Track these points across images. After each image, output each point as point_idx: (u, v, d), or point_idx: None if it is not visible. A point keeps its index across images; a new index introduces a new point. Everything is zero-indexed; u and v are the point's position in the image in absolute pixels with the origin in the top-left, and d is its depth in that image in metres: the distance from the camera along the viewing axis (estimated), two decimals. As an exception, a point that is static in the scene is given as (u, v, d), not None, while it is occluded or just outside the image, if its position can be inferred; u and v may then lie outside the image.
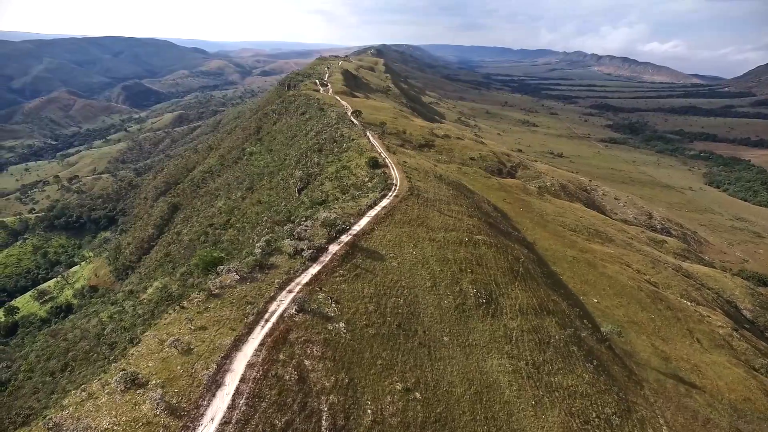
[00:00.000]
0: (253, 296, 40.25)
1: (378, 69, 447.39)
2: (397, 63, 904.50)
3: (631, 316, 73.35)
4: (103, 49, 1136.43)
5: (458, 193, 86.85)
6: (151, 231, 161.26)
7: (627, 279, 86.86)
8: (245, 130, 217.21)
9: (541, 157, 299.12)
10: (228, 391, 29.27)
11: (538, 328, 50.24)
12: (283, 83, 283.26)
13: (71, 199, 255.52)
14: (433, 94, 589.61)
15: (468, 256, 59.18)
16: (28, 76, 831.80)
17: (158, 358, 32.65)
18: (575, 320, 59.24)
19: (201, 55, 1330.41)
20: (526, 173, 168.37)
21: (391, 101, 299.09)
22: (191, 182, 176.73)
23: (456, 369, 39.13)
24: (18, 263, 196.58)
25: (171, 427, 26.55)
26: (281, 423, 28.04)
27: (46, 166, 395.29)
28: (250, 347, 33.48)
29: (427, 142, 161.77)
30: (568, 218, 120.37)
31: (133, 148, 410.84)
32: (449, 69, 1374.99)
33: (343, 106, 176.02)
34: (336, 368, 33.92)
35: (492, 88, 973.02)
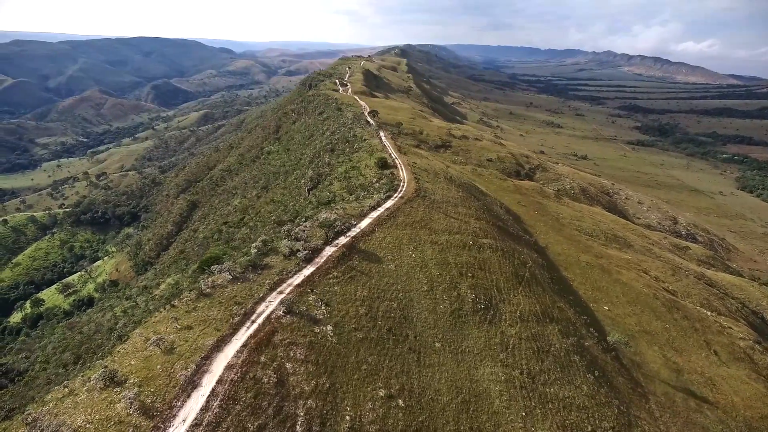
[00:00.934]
0: (242, 297, 40.15)
1: (400, 69, 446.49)
2: (420, 63, 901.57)
3: (644, 325, 70.72)
4: (135, 49, 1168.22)
5: (468, 195, 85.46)
6: (170, 228, 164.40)
7: (642, 286, 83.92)
8: (265, 129, 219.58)
9: (563, 159, 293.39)
10: (203, 393, 29.10)
11: (538, 335, 48.78)
12: (304, 83, 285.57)
13: (97, 195, 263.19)
14: (456, 95, 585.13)
15: (470, 260, 58.01)
16: (63, 76, 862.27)
17: (141, 357, 32.78)
18: (581, 328, 57.38)
19: (228, 55, 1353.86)
20: (545, 175, 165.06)
21: (412, 101, 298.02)
22: (210, 180, 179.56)
23: (445, 376, 38.16)
24: (46, 257, 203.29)
25: (142, 427, 26.51)
26: (253, 427, 27.70)
27: (77, 162, 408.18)
28: (231, 348, 33.30)
29: (443, 142, 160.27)
30: (586, 222, 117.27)
31: (159, 146, 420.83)
32: (474, 69, 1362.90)
33: (361, 106, 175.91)
34: (318, 372, 33.43)
35: (517, 89, 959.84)
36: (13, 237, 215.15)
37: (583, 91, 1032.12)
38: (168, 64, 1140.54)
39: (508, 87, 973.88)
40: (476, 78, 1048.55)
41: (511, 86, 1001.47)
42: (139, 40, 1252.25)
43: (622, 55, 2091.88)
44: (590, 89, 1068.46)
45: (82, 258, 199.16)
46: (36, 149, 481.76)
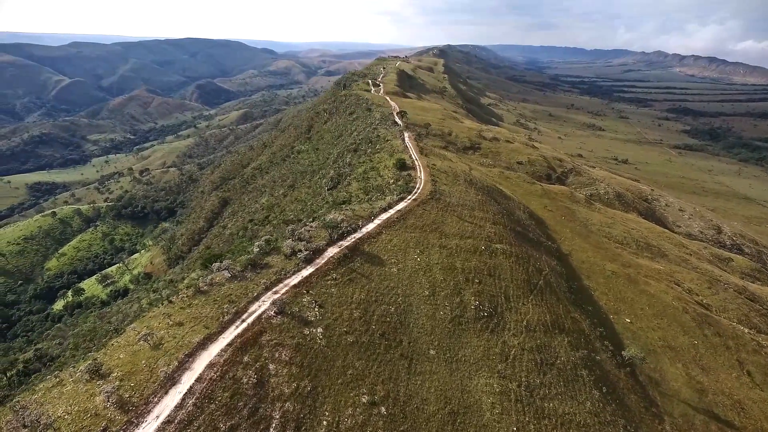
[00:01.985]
0: (237, 295, 40.40)
1: (437, 69, 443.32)
2: (459, 63, 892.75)
3: (669, 340, 66.88)
4: (182, 50, 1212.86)
5: (488, 198, 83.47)
6: (202, 224, 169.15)
7: (672, 299, 79.47)
8: (297, 129, 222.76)
9: (602, 163, 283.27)
10: (181, 390, 29.32)
11: (544, 347, 46.85)
12: (339, 83, 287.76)
13: (138, 191, 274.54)
14: (494, 96, 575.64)
15: (480, 265, 56.47)
16: (115, 76, 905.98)
17: (130, 351, 33.43)
18: (594, 341, 54.81)
19: (270, 55, 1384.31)
20: (578, 180, 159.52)
21: (446, 102, 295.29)
22: (241, 178, 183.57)
23: (435, 385, 37.10)
24: (89, 248, 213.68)
25: (116, 421, 26.93)
26: (225, 427, 27.66)
27: (123, 158, 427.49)
28: (217, 347, 33.48)
29: (472, 144, 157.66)
30: (617, 229, 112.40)
31: (199, 143, 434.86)
32: (515, 70, 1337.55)
33: (391, 107, 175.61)
34: (301, 375, 33.14)
35: (558, 90, 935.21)
36: (61, 228, 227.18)
37: (629, 92, 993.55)
38: (213, 64, 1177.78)
39: (549, 88, 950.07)
40: (516, 79, 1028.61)
41: (552, 87, 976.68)
42: (187, 41, 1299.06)
43: (674, 56, 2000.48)
44: (637, 91, 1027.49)
45: (121, 250, 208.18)
46: (87, 145, 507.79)
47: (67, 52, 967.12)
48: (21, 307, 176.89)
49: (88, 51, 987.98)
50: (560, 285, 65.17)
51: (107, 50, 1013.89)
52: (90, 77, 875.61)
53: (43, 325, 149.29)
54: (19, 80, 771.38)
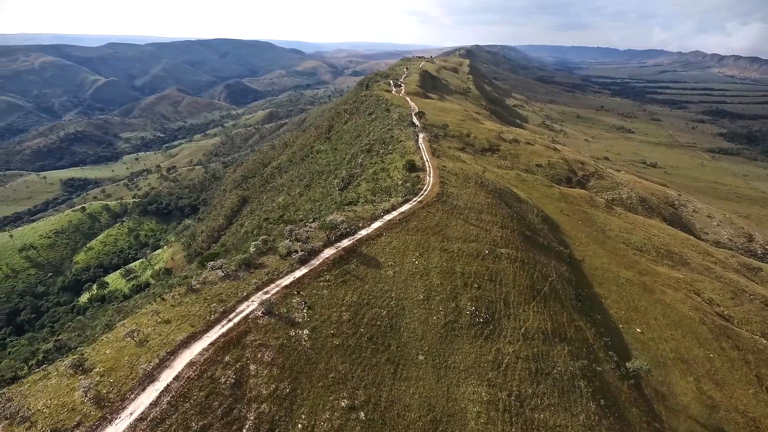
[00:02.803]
0: (227, 295, 40.69)
1: (462, 70, 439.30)
2: (486, 64, 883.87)
3: (682, 352, 64.30)
4: (212, 50, 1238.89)
5: (498, 202, 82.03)
6: (221, 221, 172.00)
7: (688, 309, 76.43)
8: (318, 129, 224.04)
9: (629, 167, 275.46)
10: (158, 388, 29.63)
11: (541, 356, 45.58)
12: (362, 83, 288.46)
13: (163, 188, 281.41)
14: (520, 97, 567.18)
15: (481, 270, 55.45)
16: (148, 75, 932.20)
17: (116, 347, 34.03)
18: (598, 351, 53.07)
19: (298, 55, 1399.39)
20: (599, 183, 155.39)
21: (469, 103, 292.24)
22: (261, 177, 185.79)
23: (419, 391, 36.49)
24: (115, 243, 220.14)
25: (90, 416, 27.40)
26: (197, 426, 27.78)
27: (152, 156, 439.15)
28: (199, 345, 33.74)
29: (491, 146, 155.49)
30: (636, 235, 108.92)
31: (226, 142, 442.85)
32: (544, 71, 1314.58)
33: (410, 107, 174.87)
34: (281, 376, 33.08)
35: (588, 91, 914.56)
36: (89, 223, 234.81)
37: (663, 94, 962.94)
38: (242, 64, 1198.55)
39: (579, 89, 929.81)
40: (545, 80, 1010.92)
41: (582, 89, 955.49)
42: (217, 42, 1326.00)
43: (713, 56, 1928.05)
44: (672, 92, 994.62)
45: (145, 246, 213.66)
46: (119, 143, 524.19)
47: (103, 52, 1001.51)
48: (49, 299, 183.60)
49: (123, 51, 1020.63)
50: (567, 292, 63.43)
51: (141, 51, 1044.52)
52: (124, 77, 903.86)
53: (68, 316, 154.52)
54: (58, 80, 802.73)
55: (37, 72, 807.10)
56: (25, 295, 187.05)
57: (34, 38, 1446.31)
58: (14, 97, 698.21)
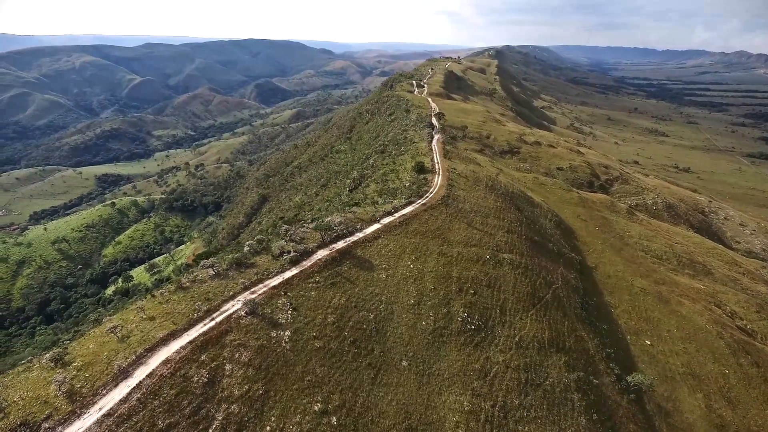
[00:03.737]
0: (214, 293, 41.00)
1: (489, 71, 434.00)
2: (516, 65, 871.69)
3: (694, 367, 61.49)
4: (244, 50, 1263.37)
5: (508, 205, 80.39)
6: (241, 219, 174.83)
7: (706, 321, 73.08)
8: (339, 129, 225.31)
9: (660, 171, 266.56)
10: (130, 384, 30.00)
11: (533, 366, 44.28)
12: (386, 83, 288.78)
13: (189, 185, 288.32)
14: (549, 98, 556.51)
15: (479, 275, 54.34)
16: (181, 75, 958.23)
17: (99, 342, 34.71)
18: (598, 363, 51.25)
19: (327, 56, 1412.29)
20: (623, 188, 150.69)
21: (494, 104, 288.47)
22: (281, 176, 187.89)
23: (398, 398, 35.89)
24: (142, 237, 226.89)
25: (61, 410, 27.96)
26: (163, 425, 27.97)
27: (182, 153, 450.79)
28: (178, 343, 34.05)
29: (511, 148, 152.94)
30: (657, 243, 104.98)
31: (253, 140, 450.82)
32: (577, 72, 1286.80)
33: (430, 108, 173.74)
34: (256, 377, 33.06)
35: (622, 93, 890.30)
36: (118, 218, 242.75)
37: (702, 96, 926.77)
38: (272, 64, 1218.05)
39: (612, 91, 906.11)
40: (577, 81, 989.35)
41: (615, 90, 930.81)
42: (249, 42, 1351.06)
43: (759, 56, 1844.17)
44: (712, 94, 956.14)
45: (170, 241, 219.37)
46: (152, 140, 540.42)
47: (140, 52, 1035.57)
48: (78, 290, 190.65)
49: (159, 51, 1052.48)
50: (572, 300, 61.54)
51: (176, 51, 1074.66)
52: (159, 76, 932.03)
53: (94, 308, 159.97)
54: (97, 79, 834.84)
55: (77, 71, 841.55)
56: (55, 286, 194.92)
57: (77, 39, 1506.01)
58: (56, 95, 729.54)
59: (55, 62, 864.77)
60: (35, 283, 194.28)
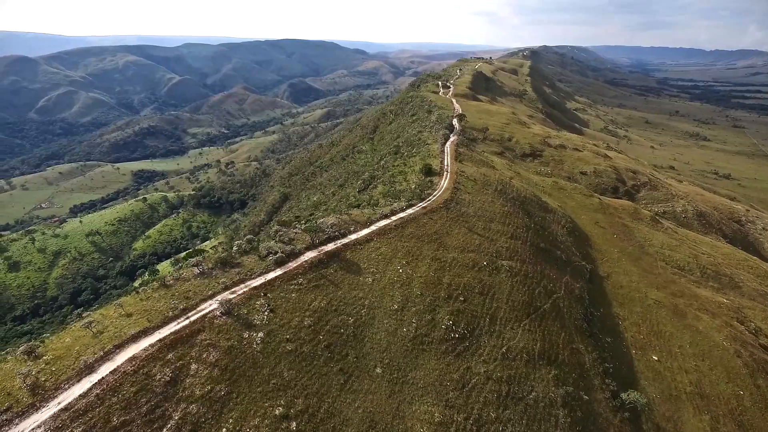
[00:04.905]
0: (194, 292, 41.36)
1: (521, 72, 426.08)
2: (552, 65, 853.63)
3: (704, 386, 58.20)
4: (279, 50, 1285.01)
5: (516, 210, 78.34)
6: (263, 217, 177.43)
7: (723, 338, 69.17)
8: (363, 129, 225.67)
9: (697, 177, 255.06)
10: (93, 380, 30.47)
11: (518, 378, 42.76)
12: (413, 84, 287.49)
13: (216, 182, 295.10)
14: (583, 100, 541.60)
15: (473, 282, 53.04)
16: (218, 74, 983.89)
17: (74, 336, 35.47)
18: (593, 378, 49.15)
19: (361, 55, 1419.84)
20: (651, 195, 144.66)
21: (523, 106, 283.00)
22: (302, 175, 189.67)
23: (365, 405, 35.20)
24: (170, 232, 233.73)
25: (22, 402, 28.62)
26: (117, 422, 28.21)
27: (215, 151, 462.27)
28: (148, 341, 34.43)
29: (533, 151, 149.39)
30: (681, 253, 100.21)
31: (283, 139, 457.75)
32: (617, 73, 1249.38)
33: (453, 109, 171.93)
34: (220, 378, 33.06)
35: (663, 95, 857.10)
36: (149, 213, 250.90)
37: (752, 98, 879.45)
38: (306, 63, 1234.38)
39: (653, 93, 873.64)
40: (615, 82, 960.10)
41: (656, 92, 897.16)
42: (284, 42, 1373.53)
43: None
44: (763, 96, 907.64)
45: (196, 237, 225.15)
46: (187, 138, 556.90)
47: (179, 52, 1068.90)
48: (108, 282, 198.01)
49: (197, 51, 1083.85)
50: (574, 311, 59.28)
51: (214, 51, 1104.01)
52: (197, 75, 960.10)
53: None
54: (139, 78, 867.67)
55: (120, 71, 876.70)
56: (87, 277, 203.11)
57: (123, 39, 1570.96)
58: (100, 93, 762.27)
59: (100, 62, 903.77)
60: (69, 274, 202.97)
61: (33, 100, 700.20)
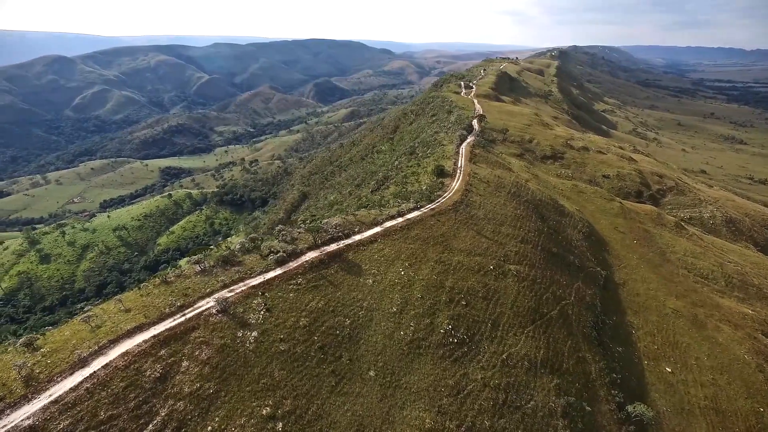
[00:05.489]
0: (193, 290, 41.78)
1: (548, 72, 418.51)
2: (581, 66, 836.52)
3: (721, 402, 55.75)
4: (306, 50, 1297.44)
5: (529, 214, 76.75)
6: (281, 215, 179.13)
7: (745, 352, 66.27)
8: (384, 129, 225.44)
9: (730, 182, 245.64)
10: (85, 374, 31.04)
11: (516, 386, 41.73)
12: (436, 84, 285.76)
13: (239, 180, 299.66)
14: (612, 101, 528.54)
15: (477, 286, 52.13)
16: (246, 73, 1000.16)
17: (74, 329, 36.27)
18: (598, 389, 47.61)
19: (387, 55, 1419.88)
20: (677, 200, 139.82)
21: (548, 107, 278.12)
22: (322, 174, 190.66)
23: (355, 408, 34.86)
24: (193, 228, 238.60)
25: (15, 393, 29.33)
26: (104, 415, 28.64)
27: (240, 149, 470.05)
28: (142, 336, 34.91)
29: (554, 153, 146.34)
30: (705, 261, 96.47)
31: (306, 138, 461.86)
32: (649, 73, 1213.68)
33: (473, 110, 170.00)
34: (210, 376, 33.26)
35: (698, 96, 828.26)
36: (173, 209, 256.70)
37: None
38: (332, 63, 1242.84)
39: (687, 94, 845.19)
40: (648, 83, 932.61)
41: (691, 93, 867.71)
42: (311, 42, 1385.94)
43: None
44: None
45: (218, 233, 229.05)
46: (213, 136, 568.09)
47: (209, 52, 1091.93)
48: (132, 276, 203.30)
49: (225, 51, 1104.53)
50: (582, 318, 57.62)
51: (242, 50, 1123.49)
52: (225, 74, 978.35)
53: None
54: (169, 77, 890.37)
55: (152, 70, 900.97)
56: (113, 270, 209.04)
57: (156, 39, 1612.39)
58: (132, 92, 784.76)
59: (133, 61, 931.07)
60: (96, 267, 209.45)
61: (69, 98, 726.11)
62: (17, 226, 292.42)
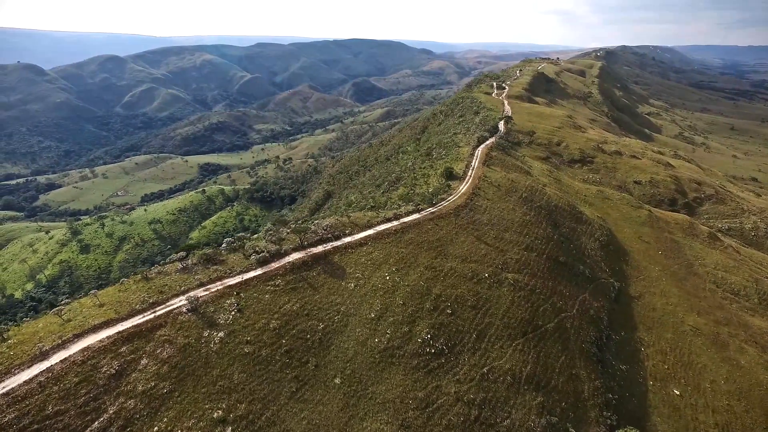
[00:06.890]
0: (169, 287, 41.96)
1: (590, 73, 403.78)
2: (629, 66, 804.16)
3: (734, 430, 51.36)
4: (346, 50, 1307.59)
5: (539, 220, 73.65)
6: (306, 213, 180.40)
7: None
8: (413, 129, 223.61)
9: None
10: (41, 367, 31.48)
11: (493, 403, 39.65)
12: (470, 84, 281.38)
13: (269, 177, 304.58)
14: (659, 104, 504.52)
15: (466, 294, 50.17)
16: (287, 73, 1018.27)
17: (48, 322, 37.04)
18: (589, 410, 44.71)
19: (427, 55, 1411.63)
20: (716, 209, 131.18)
21: (586, 109, 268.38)
22: (346, 174, 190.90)
23: (312, 417, 33.89)
24: (224, 224, 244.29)
25: (-28, 384, 30.05)
26: (51, 411, 28.86)
27: (276, 147, 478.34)
28: (107, 332, 35.19)
29: (583, 157, 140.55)
30: (738, 276, 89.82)
31: (341, 137, 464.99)
32: (704, 74, 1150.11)
33: (502, 111, 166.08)
34: (167, 375, 33.10)
35: (757, 99, 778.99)
36: (206, 204, 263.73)
37: None
38: (372, 63, 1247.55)
39: (745, 97, 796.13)
40: (701, 85, 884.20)
41: (749, 96, 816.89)
42: (351, 42, 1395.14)
43: None
44: None
45: (247, 229, 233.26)
46: (252, 134, 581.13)
47: (252, 51, 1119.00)
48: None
49: (268, 51, 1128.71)
50: (583, 333, 54.41)
51: (284, 50, 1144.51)
52: (266, 74, 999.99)
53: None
54: (213, 76, 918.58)
55: (197, 69, 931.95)
56: (146, 262, 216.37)
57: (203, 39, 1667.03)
58: (178, 90, 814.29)
59: (179, 60, 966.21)
60: (131, 258, 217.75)
61: (120, 96, 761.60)
62: (64, 216, 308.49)
